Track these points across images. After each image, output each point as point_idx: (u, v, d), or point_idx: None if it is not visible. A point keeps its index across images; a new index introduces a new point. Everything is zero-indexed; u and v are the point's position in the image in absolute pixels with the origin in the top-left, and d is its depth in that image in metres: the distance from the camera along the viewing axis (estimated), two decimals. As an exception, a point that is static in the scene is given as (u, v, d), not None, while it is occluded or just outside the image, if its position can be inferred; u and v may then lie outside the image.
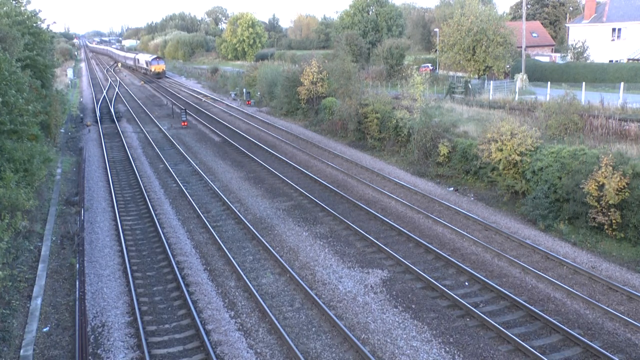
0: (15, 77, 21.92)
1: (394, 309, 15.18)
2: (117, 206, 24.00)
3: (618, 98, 30.41)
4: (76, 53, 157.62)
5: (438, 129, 28.58)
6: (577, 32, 59.50)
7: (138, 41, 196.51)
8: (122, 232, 20.91)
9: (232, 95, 63.72)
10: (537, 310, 14.65)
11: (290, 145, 36.54)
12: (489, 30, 44.76)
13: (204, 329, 14.23)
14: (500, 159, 23.08)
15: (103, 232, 21.27)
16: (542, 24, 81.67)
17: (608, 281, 16.16)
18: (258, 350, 13.40)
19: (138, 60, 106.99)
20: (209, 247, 19.85)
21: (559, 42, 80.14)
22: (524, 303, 15.05)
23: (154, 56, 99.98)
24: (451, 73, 53.95)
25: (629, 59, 50.82)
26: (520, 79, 42.07)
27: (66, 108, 45.96)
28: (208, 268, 18.05)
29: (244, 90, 60.41)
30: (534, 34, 74.00)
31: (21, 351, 13.38)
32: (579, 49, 56.25)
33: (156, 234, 21.04)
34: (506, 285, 16.51)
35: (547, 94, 34.58)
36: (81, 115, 51.26)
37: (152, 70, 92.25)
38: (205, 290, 16.50)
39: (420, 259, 18.45)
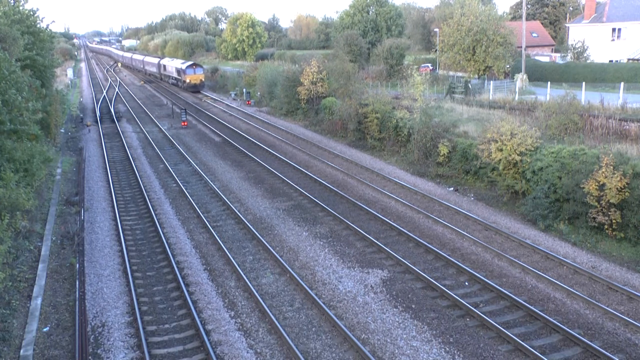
0: (14, 76, 21.92)
1: (394, 309, 15.18)
2: (117, 206, 24.00)
3: (618, 98, 30.38)
4: (76, 53, 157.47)
5: (438, 129, 28.57)
6: (577, 32, 59.50)
7: (138, 41, 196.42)
8: (122, 232, 20.91)
9: (232, 95, 63.72)
10: (537, 310, 14.65)
11: (290, 145, 36.54)
12: (489, 30, 44.73)
13: (204, 328, 14.23)
14: (500, 159, 23.07)
15: (103, 232, 21.27)
16: (542, 24, 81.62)
17: (608, 281, 16.16)
18: (258, 350, 13.40)
19: (164, 66, 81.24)
20: (209, 247, 19.85)
21: (559, 42, 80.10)
22: (524, 303, 15.05)
23: (189, 62, 73.80)
24: (451, 73, 53.92)
25: (629, 59, 50.81)
26: (520, 79, 42.04)
27: (66, 108, 45.95)
28: (208, 268, 18.05)
29: (244, 90, 60.41)
30: (534, 34, 73.96)
31: (21, 351, 13.38)
32: (579, 49, 56.23)
33: (156, 234, 21.04)
34: (506, 285, 16.51)
35: (547, 94, 34.55)
36: (81, 115, 51.25)
37: (187, 81, 69.01)
38: (205, 290, 16.50)
39: (420, 259, 18.45)
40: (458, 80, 44.98)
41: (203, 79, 70.50)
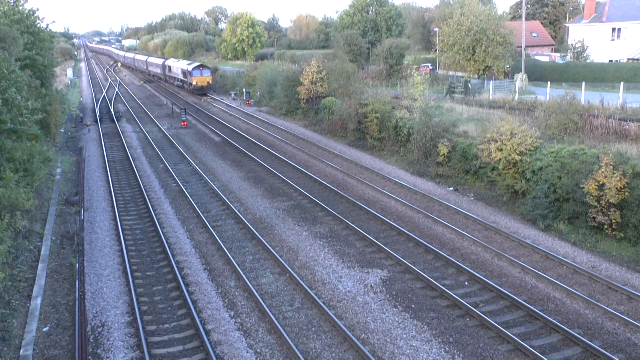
0: (14, 76, 21.93)
1: (394, 309, 15.18)
2: (117, 206, 24.00)
3: (618, 98, 30.38)
4: (76, 53, 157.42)
5: (438, 129, 28.57)
6: (577, 32, 59.50)
7: (138, 41, 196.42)
8: (122, 232, 20.91)
9: (232, 95, 63.72)
10: (537, 310, 14.65)
11: (290, 145, 36.54)
12: (489, 30, 44.74)
13: (204, 328, 14.23)
14: (500, 159, 23.07)
15: (103, 232, 21.27)
16: (542, 24, 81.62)
17: (608, 281, 16.16)
18: (258, 350, 13.40)
19: (169, 68, 77.57)
20: (209, 247, 19.84)
21: (559, 42, 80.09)
22: (524, 303, 15.05)
23: (196, 64, 69.41)
24: (451, 73, 53.93)
25: (629, 59, 50.81)
26: (520, 79, 42.04)
27: (66, 108, 45.97)
28: (208, 268, 18.05)
29: (244, 90, 60.42)
30: (534, 34, 73.97)
31: (21, 351, 13.38)
32: (579, 49, 56.24)
33: (156, 234, 21.04)
34: (506, 285, 16.51)
35: (547, 94, 34.55)
36: (81, 115, 51.28)
37: (194, 83, 65.29)
38: (205, 290, 16.50)
39: (420, 259, 18.45)
40: (458, 80, 44.98)
41: (210, 82, 67.26)
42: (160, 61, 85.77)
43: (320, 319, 14.76)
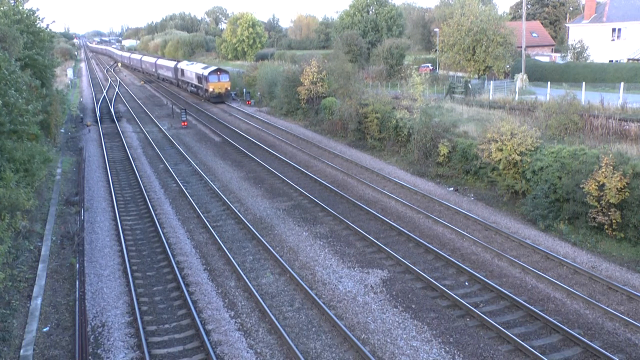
0: (14, 76, 21.92)
1: (394, 309, 15.18)
2: (117, 206, 24.00)
3: (618, 98, 30.37)
4: (76, 53, 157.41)
5: (438, 129, 28.57)
6: (577, 32, 59.50)
7: (138, 41, 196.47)
8: (122, 232, 20.91)
9: (232, 95, 63.69)
10: (537, 310, 14.64)
11: (290, 145, 36.54)
12: (489, 30, 44.78)
13: (204, 328, 14.23)
14: (501, 159, 23.07)
15: (103, 232, 21.27)
16: (542, 24, 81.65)
17: (608, 281, 16.16)
18: (258, 350, 13.40)
19: (182, 71, 70.22)
20: (209, 247, 19.84)
21: (559, 42, 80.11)
22: (524, 303, 15.05)
23: (212, 67, 61.36)
24: (451, 73, 53.96)
25: (629, 59, 50.81)
26: (520, 79, 42.06)
27: (66, 108, 45.95)
28: (208, 268, 18.05)
29: (244, 90, 60.38)
30: (534, 34, 73.98)
31: (21, 351, 13.38)
32: (579, 49, 56.25)
33: (156, 234, 21.04)
34: (506, 285, 16.50)
35: (547, 94, 34.55)
36: (81, 115, 51.27)
37: (210, 89, 58.15)
38: (205, 290, 16.50)
39: (420, 259, 18.44)
40: (458, 80, 45.00)
41: (229, 88, 59.83)
42: (171, 64, 78.74)
43: (320, 319, 14.76)
